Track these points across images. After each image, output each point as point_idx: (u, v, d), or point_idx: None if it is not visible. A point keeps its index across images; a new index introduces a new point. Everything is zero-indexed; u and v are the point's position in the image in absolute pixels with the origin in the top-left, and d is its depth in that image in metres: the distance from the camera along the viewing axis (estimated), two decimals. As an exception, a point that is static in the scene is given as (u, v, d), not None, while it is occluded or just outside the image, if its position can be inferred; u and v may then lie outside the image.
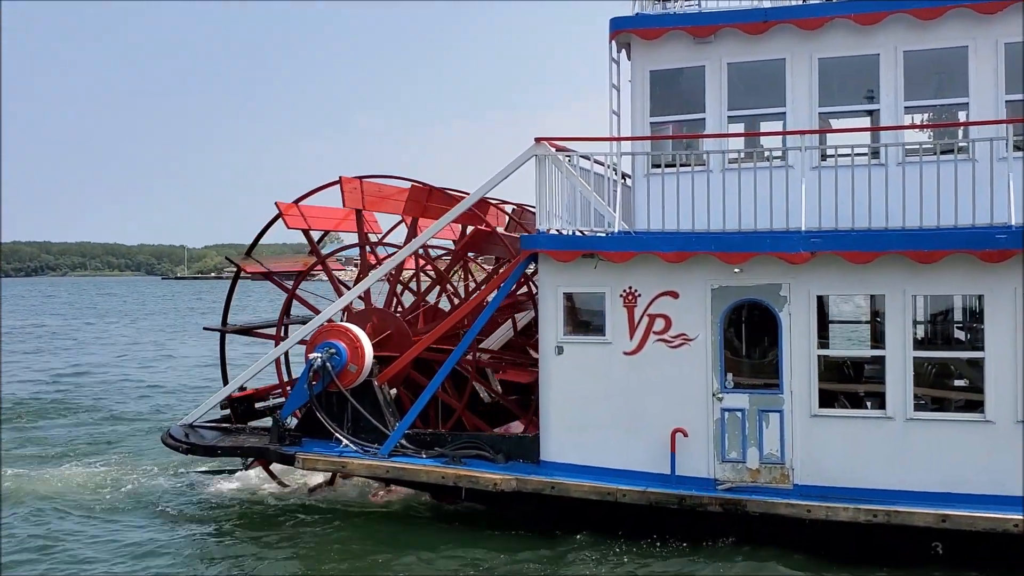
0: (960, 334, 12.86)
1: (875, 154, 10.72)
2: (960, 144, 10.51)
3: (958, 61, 10.57)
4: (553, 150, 11.14)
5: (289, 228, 13.65)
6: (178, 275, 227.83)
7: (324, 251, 14.68)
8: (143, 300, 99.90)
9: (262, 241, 14.52)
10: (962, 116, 10.98)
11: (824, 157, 10.65)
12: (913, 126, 11.16)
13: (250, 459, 12.82)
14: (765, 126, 12.13)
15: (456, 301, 14.36)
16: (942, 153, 10.18)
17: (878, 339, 13.12)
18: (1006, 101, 10.43)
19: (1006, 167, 9.70)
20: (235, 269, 14.43)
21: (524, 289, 14.19)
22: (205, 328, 15.25)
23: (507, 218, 15.49)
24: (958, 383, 11.03)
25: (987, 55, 10.45)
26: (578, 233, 11.28)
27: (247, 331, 14.62)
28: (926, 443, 9.88)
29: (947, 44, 10.60)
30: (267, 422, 13.88)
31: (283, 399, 14.39)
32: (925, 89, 10.92)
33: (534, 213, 15.56)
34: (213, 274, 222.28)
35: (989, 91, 10.45)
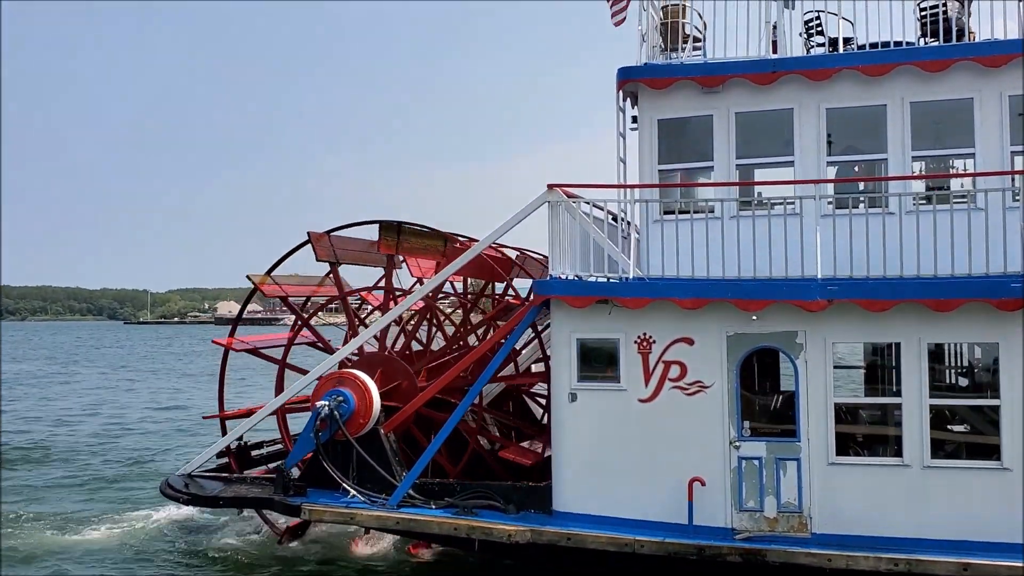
0: (962, 380, 12.97)
1: (874, 203, 10.79)
2: (964, 194, 10.65)
3: (964, 112, 10.77)
4: (565, 196, 11.15)
5: (267, 297, 13.54)
6: (141, 319, 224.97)
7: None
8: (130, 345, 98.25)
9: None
10: (969, 166, 11.15)
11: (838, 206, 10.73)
12: (915, 176, 11.26)
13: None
14: (770, 173, 12.24)
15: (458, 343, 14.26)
16: (946, 202, 10.32)
17: (873, 383, 13.31)
18: (1011, 152, 10.63)
19: (1014, 216, 9.85)
20: (203, 315, 14.35)
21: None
22: (204, 417, 15.14)
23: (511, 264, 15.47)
24: (957, 428, 11.09)
25: (992, 107, 10.66)
26: (589, 279, 11.24)
27: (248, 413, 14.21)
28: (943, 491, 9.88)
29: (953, 96, 10.80)
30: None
31: (277, 446, 14.22)
32: (932, 139, 11.09)
33: (535, 258, 15.61)
34: (176, 319, 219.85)
35: (995, 142, 10.63)
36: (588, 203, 11.54)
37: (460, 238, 13.81)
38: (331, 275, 13.90)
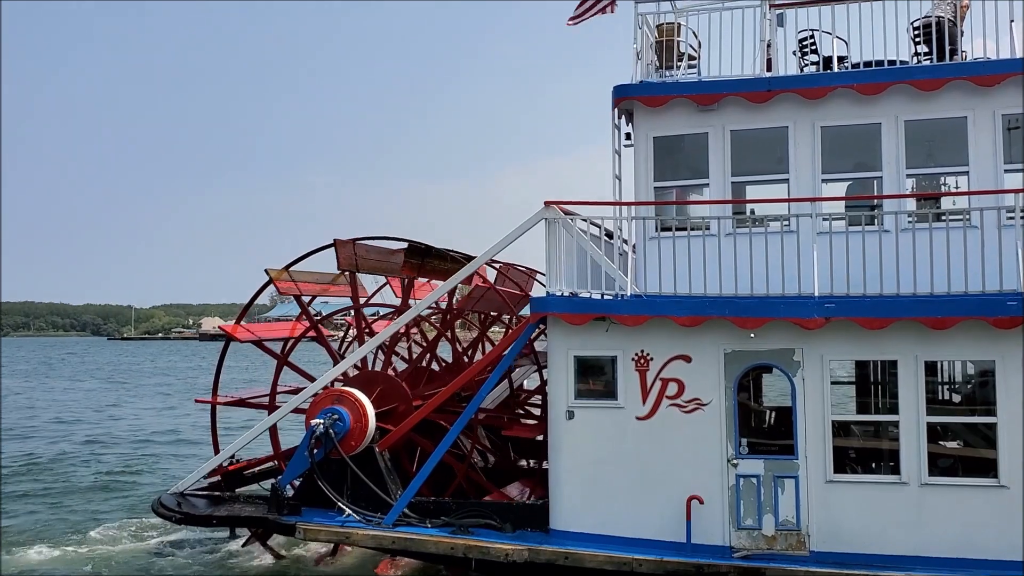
0: (954, 396, 13.01)
1: (871, 220, 10.84)
2: (959, 212, 10.70)
3: (958, 131, 10.84)
4: (562, 213, 11.14)
5: (281, 294, 13.42)
6: (124, 335, 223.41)
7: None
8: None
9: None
10: (962, 184, 11.21)
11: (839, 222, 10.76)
12: (915, 195, 11.32)
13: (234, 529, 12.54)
14: (765, 191, 12.29)
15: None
16: (940, 220, 10.39)
17: (864, 400, 13.33)
18: (1005, 170, 10.70)
19: (1008, 234, 9.90)
20: (188, 330, 14.25)
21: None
22: (197, 400, 14.94)
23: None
24: (950, 444, 11.12)
25: (985, 126, 10.74)
26: (586, 296, 11.23)
27: (240, 403, 14.20)
28: (941, 508, 9.88)
29: (947, 114, 10.87)
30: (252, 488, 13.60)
31: (269, 464, 14.10)
32: (926, 157, 11.15)
33: (521, 271, 15.58)
34: (160, 334, 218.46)
35: (988, 160, 10.71)
36: (585, 220, 11.54)
37: (449, 252, 13.76)
38: (348, 280, 13.78)
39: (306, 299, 14.44)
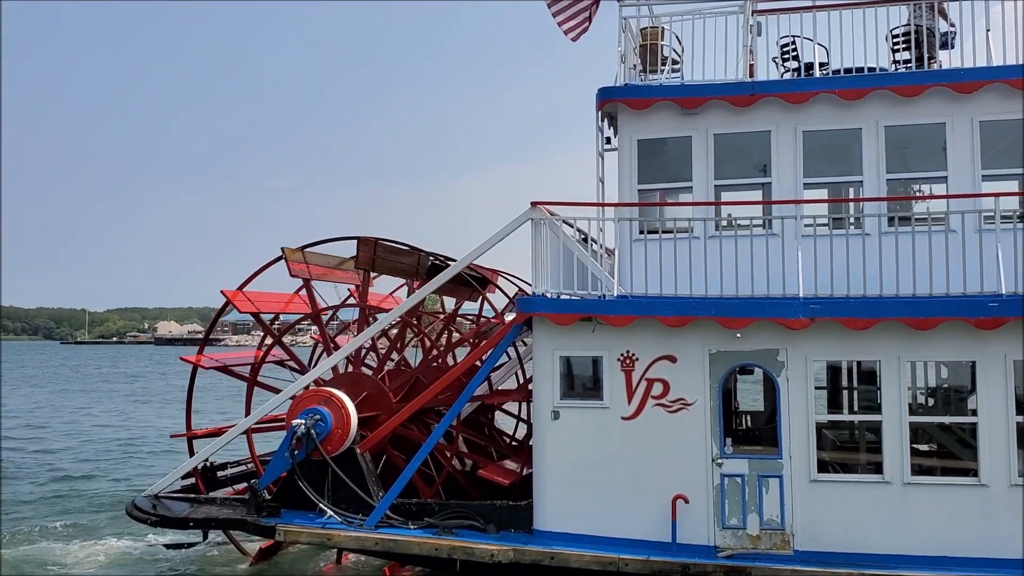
0: (927, 400, 13.19)
1: (856, 223, 10.98)
2: (935, 215, 10.87)
3: (937, 136, 11.03)
4: (548, 214, 11.14)
5: (241, 312, 13.28)
6: (78, 339, 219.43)
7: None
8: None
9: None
10: (940, 189, 11.40)
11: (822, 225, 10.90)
12: (900, 198, 11.49)
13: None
14: (746, 195, 12.39)
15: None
16: (921, 223, 10.55)
17: (836, 404, 13.50)
18: (982, 176, 10.90)
19: (988, 237, 10.08)
20: (144, 334, 14.06)
21: None
22: (172, 436, 14.76)
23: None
24: (923, 448, 11.28)
25: (963, 132, 10.93)
26: (571, 296, 11.23)
27: (218, 433, 13.90)
28: (923, 507, 10.02)
29: (926, 120, 11.05)
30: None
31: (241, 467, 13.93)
32: (905, 162, 11.33)
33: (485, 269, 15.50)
34: (115, 339, 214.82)
35: (966, 166, 10.90)
36: (572, 225, 11.54)
37: (439, 257, 13.70)
38: (305, 291, 13.67)
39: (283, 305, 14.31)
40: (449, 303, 17.04)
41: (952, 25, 11.76)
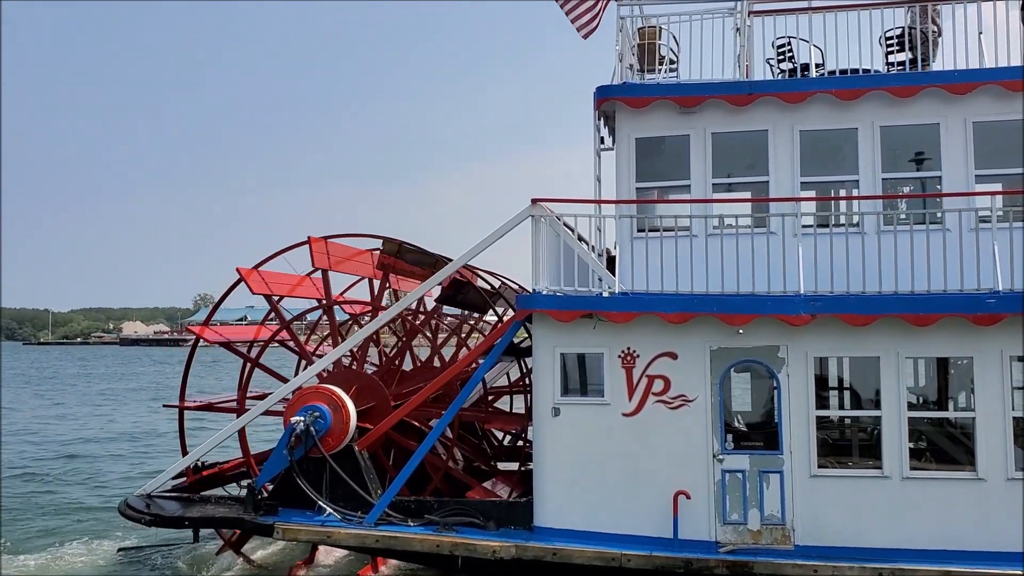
0: (913, 397, 13.38)
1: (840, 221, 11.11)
2: (933, 215, 11.04)
3: (931, 136, 11.20)
4: (549, 211, 11.16)
5: (254, 294, 13.14)
6: (41, 340, 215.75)
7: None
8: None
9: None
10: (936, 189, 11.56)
11: (816, 224, 11.02)
12: (901, 196, 11.65)
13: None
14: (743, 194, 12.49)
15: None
16: (920, 223, 10.71)
17: (821, 403, 13.62)
18: (975, 176, 11.09)
19: (981, 236, 10.23)
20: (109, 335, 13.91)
21: None
22: (165, 405, 14.54)
23: None
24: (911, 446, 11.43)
25: (957, 132, 11.11)
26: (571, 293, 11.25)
27: (209, 407, 13.82)
28: (921, 501, 10.16)
29: (920, 121, 11.22)
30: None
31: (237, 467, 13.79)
32: (901, 162, 11.49)
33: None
34: (80, 339, 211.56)
35: (960, 165, 11.08)
36: (571, 227, 11.56)
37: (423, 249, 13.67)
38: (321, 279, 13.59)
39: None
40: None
41: (936, 28, 11.91)
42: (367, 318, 15.60)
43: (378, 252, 13.57)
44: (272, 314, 14.17)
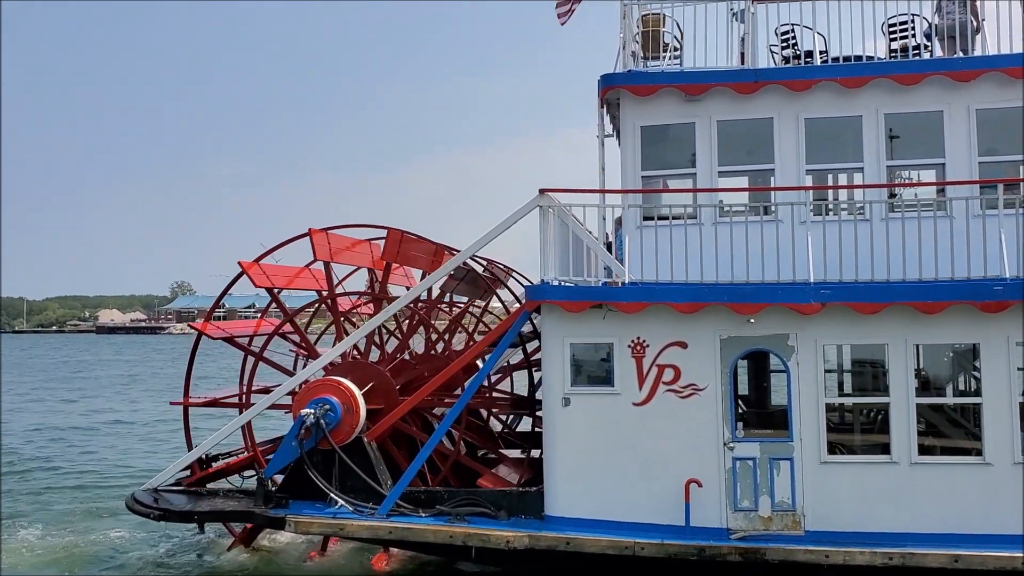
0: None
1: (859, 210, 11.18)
2: (937, 202, 11.11)
3: (935, 124, 11.27)
4: (557, 201, 11.15)
5: (256, 287, 13.05)
6: (16, 328, 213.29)
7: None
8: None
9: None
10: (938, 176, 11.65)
11: (821, 212, 11.09)
12: (884, 185, 11.64)
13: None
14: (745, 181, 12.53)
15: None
16: (925, 209, 10.80)
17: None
18: (979, 163, 11.18)
19: (978, 223, 10.34)
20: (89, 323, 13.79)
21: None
22: (171, 403, 14.45)
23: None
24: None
25: (960, 119, 11.19)
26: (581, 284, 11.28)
27: (213, 403, 13.72)
28: (929, 486, 10.29)
29: (924, 108, 11.29)
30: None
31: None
32: (906, 149, 11.56)
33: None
34: (55, 327, 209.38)
35: (963, 152, 11.17)
36: (578, 221, 11.56)
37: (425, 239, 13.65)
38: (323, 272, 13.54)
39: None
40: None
41: (976, 21, 11.93)
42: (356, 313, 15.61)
43: (377, 242, 13.49)
44: (271, 307, 14.13)
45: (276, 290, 13.44)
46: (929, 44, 11.97)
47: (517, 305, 13.19)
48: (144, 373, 58.92)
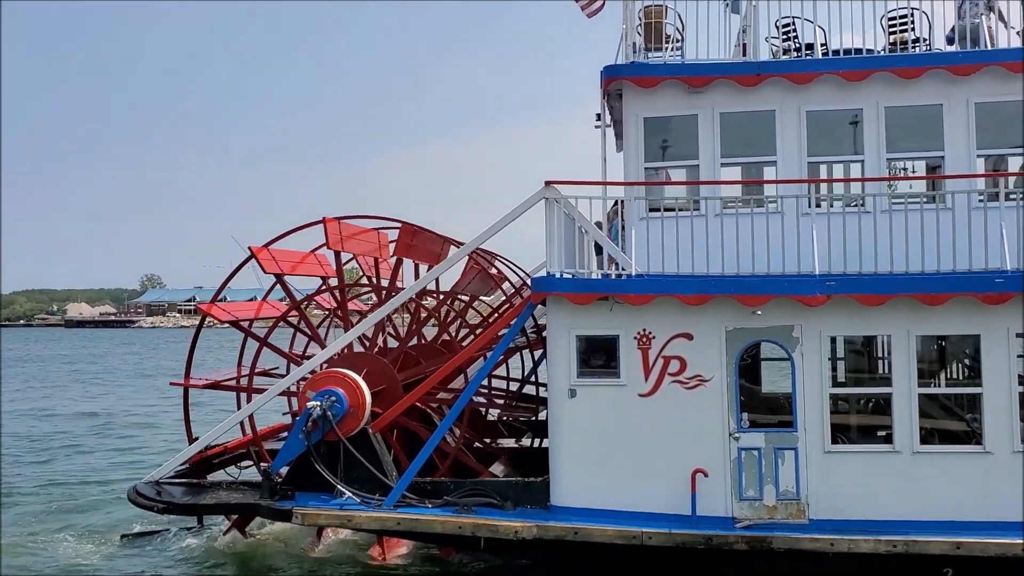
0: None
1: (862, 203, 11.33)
2: (937, 195, 11.28)
3: (935, 117, 11.42)
4: (563, 193, 11.19)
5: (266, 273, 12.99)
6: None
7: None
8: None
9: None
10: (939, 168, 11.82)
11: (819, 204, 11.23)
12: (912, 177, 11.83)
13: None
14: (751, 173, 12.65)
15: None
16: (926, 202, 10.96)
17: None
18: (977, 155, 11.36)
19: (993, 216, 10.50)
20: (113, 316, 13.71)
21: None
22: (171, 384, 14.32)
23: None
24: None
25: (959, 113, 11.35)
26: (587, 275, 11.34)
27: (214, 385, 13.66)
28: (931, 475, 10.47)
29: (924, 101, 11.43)
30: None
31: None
32: (907, 142, 11.70)
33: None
34: (22, 321, 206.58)
35: (962, 146, 11.33)
36: (580, 215, 11.61)
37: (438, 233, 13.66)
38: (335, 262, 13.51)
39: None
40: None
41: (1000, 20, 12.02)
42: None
43: (384, 231, 13.48)
44: (273, 292, 14.10)
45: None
46: (928, 40, 12.12)
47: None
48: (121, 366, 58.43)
